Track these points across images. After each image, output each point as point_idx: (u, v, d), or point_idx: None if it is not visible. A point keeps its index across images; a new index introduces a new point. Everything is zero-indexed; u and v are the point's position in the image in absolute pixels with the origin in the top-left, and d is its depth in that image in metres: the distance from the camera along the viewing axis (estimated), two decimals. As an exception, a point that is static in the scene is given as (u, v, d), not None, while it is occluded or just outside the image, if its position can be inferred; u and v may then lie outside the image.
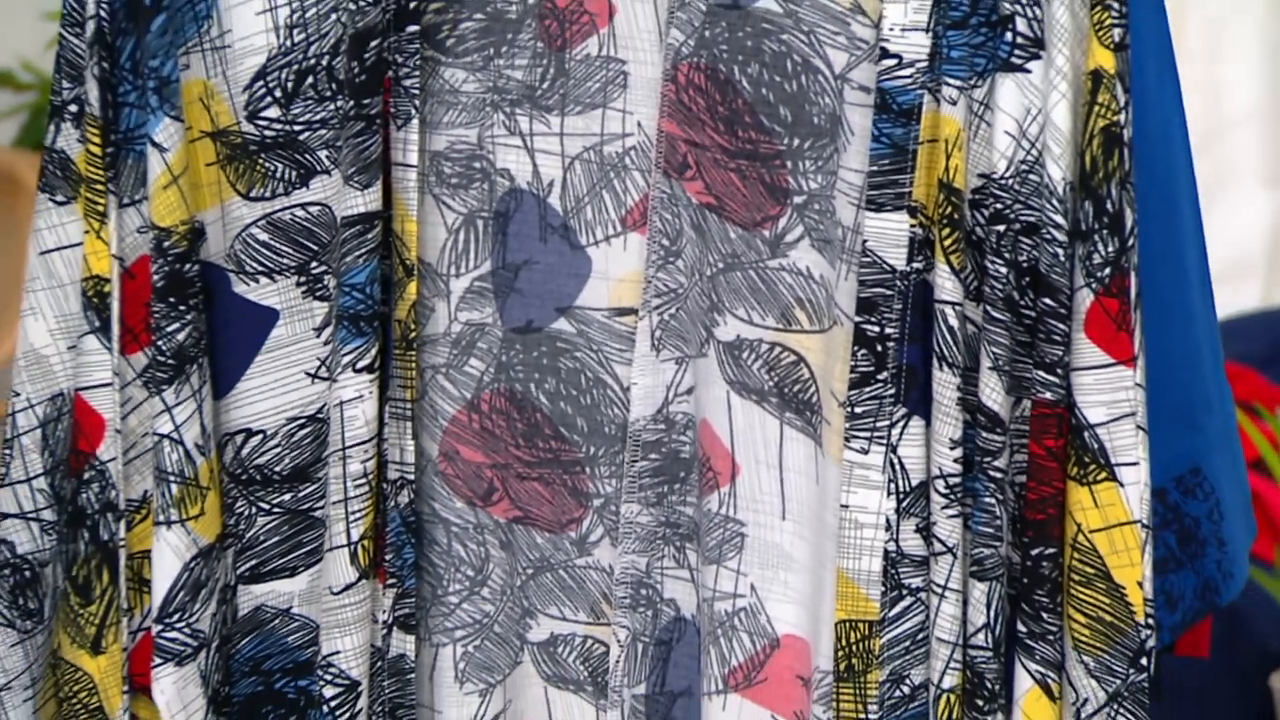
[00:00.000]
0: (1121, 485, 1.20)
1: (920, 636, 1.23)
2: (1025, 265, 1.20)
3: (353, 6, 1.26)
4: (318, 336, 1.30)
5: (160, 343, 1.27)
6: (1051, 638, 1.22)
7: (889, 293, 1.22)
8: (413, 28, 1.26)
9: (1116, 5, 1.19)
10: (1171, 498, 1.39)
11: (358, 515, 1.28)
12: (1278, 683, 2.25)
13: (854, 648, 1.23)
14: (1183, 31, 5.06)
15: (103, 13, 1.26)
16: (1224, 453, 1.40)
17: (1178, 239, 1.37)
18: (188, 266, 1.28)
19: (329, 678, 1.29)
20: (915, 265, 1.21)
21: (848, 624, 1.23)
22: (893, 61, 1.20)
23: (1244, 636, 2.34)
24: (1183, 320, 1.37)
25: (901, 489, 1.22)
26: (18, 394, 1.29)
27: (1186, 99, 1.50)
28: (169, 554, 1.28)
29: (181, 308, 1.28)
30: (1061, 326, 1.20)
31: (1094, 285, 1.19)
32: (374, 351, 1.27)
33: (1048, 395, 1.20)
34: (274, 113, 1.28)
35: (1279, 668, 2.26)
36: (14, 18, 4.47)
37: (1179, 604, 1.39)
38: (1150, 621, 1.21)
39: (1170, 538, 1.39)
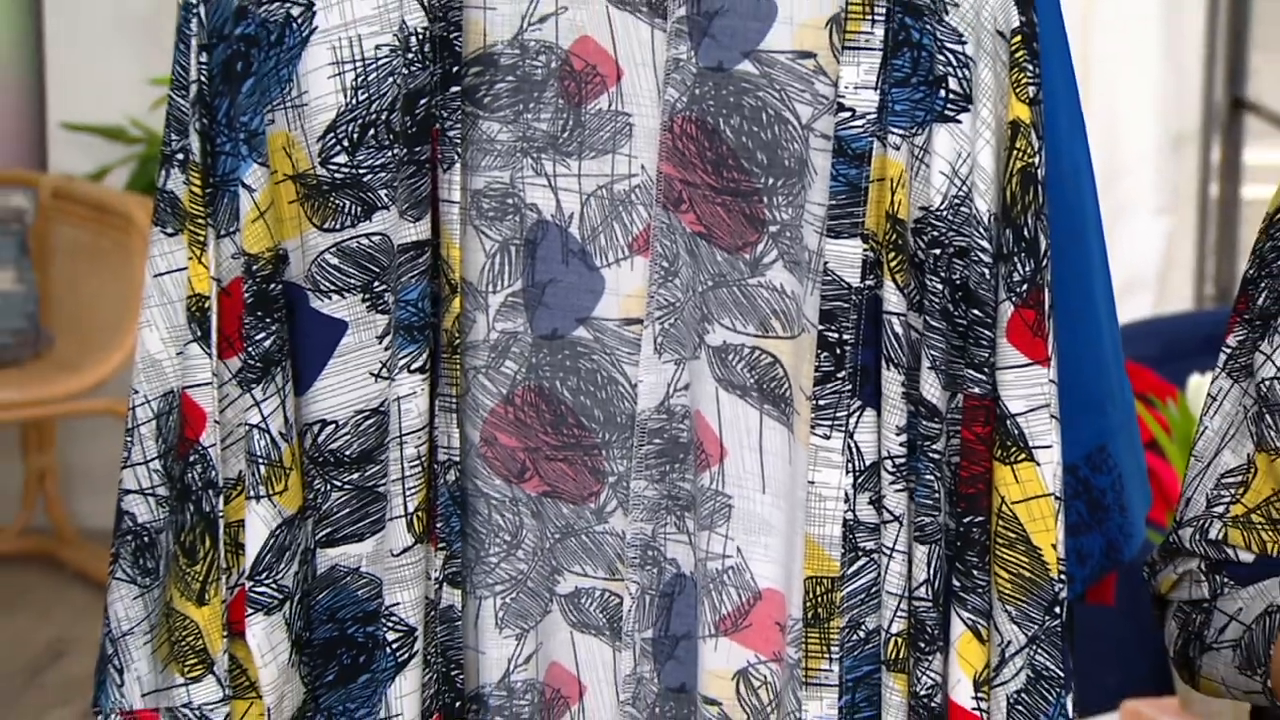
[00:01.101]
0: (1038, 464, 1.23)
1: (873, 590, 1.26)
2: (958, 282, 1.23)
3: (405, 71, 1.28)
4: (379, 343, 1.32)
5: (250, 349, 1.31)
6: (981, 591, 1.24)
7: (846, 305, 1.24)
8: (455, 88, 1.29)
9: (1031, 68, 1.22)
10: (1082, 472, 1.42)
11: (413, 491, 1.30)
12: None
13: (819, 599, 1.26)
14: (1089, 88, 5.07)
15: (202, 78, 1.29)
16: (1125, 435, 1.42)
17: (1087, 261, 1.39)
18: (272, 286, 1.31)
19: (391, 625, 1.32)
20: (867, 283, 1.24)
21: (814, 580, 1.26)
22: (848, 114, 1.23)
23: (1145, 587, 2.37)
24: (1090, 327, 1.39)
25: (857, 468, 1.25)
26: (136, 391, 1.32)
27: (1092, 144, 1.55)
28: (258, 523, 1.31)
29: (268, 320, 1.31)
30: (988, 333, 1.23)
31: (1014, 299, 1.23)
32: (425, 355, 1.30)
33: (976, 390, 1.24)
34: (342, 159, 1.30)
35: None
36: (124, 83, 4.50)
37: (1089, 561, 1.43)
38: (1062, 578, 1.24)
39: (1081, 506, 1.42)
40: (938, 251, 1.23)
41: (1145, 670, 2.35)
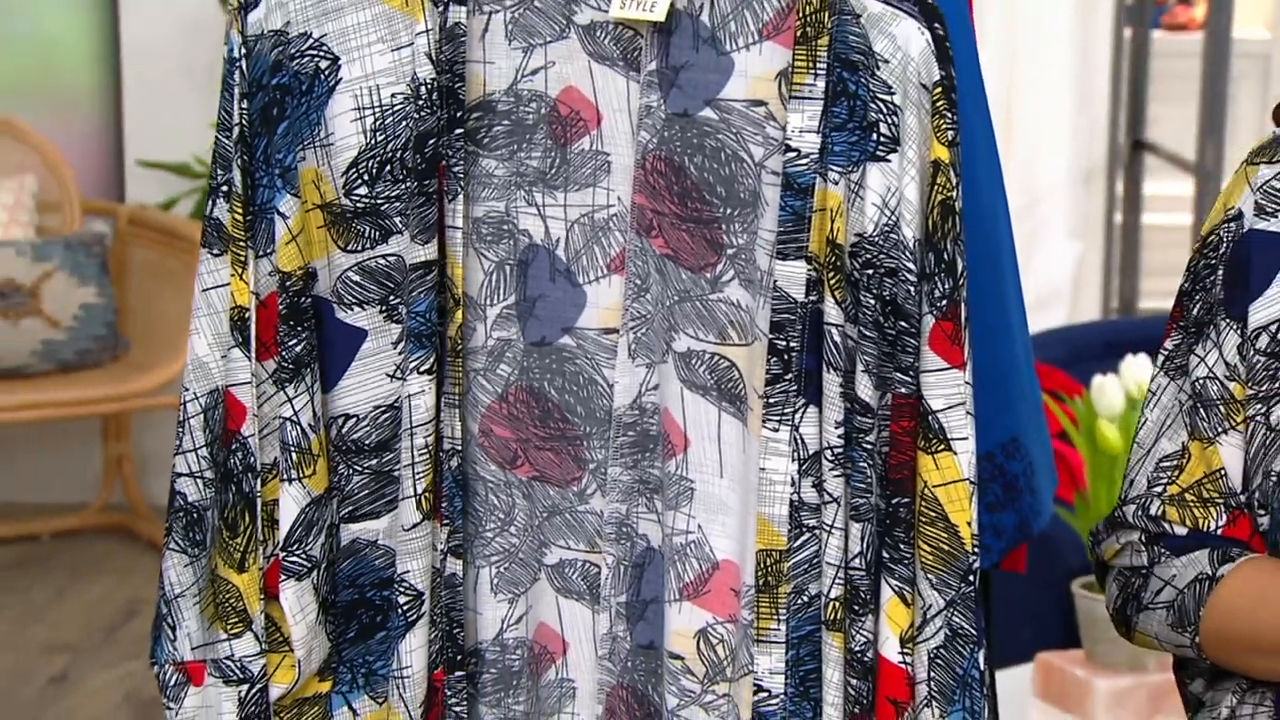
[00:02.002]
0: (955, 454, 1.23)
1: (815, 561, 1.25)
2: (887, 298, 1.23)
3: (417, 116, 1.28)
4: (394, 348, 1.31)
5: (284, 353, 1.30)
6: (906, 562, 1.24)
7: (792, 318, 1.24)
8: (459, 130, 1.29)
9: (949, 115, 1.22)
10: (998, 460, 1.41)
11: (422, 475, 1.30)
12: (1076, 587, 2.25)
13: (769, 569, 1.25)
14: (1013, 132, 5.08)
15: (244, 121, 1.30)
16: (1034, 428, 1.42)
17: (1001, 280, 1.39)
18: (303, 299, 1.30)
19: (402, 589, 1.32)
20: (811, 298, 1.24)
21: (764, 552, 1.25)
22: (794, 154, 1.23)
23: (1053, 556, 2.37)
24: (1004, 337, 1.39)
25: (802, 456, 1.24)
26: (187, 389, 1.32)
27: (1014, 179, 1.56)
28: (290, 502, 1.31)
29: (299, 328, 1.30)
30: (913, 342, 1.23)
31: (935, 312, 1.23)
32: (432, 359, 1.29)
33: (903, 390, 1.23)
34: (363, 191, 1.30)
35: (1078, 577, 2.28)
36: (190, 125, 4.50)
37: (1004, 534, 1.43)
38: (975, 551, 1.24)
39: (997, 488, 1.42)
40: (870, 271, 1.23)
41: (1056, 627, 2.36)
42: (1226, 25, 3.92)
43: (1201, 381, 1.30)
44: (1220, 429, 1.30)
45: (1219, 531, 1.30)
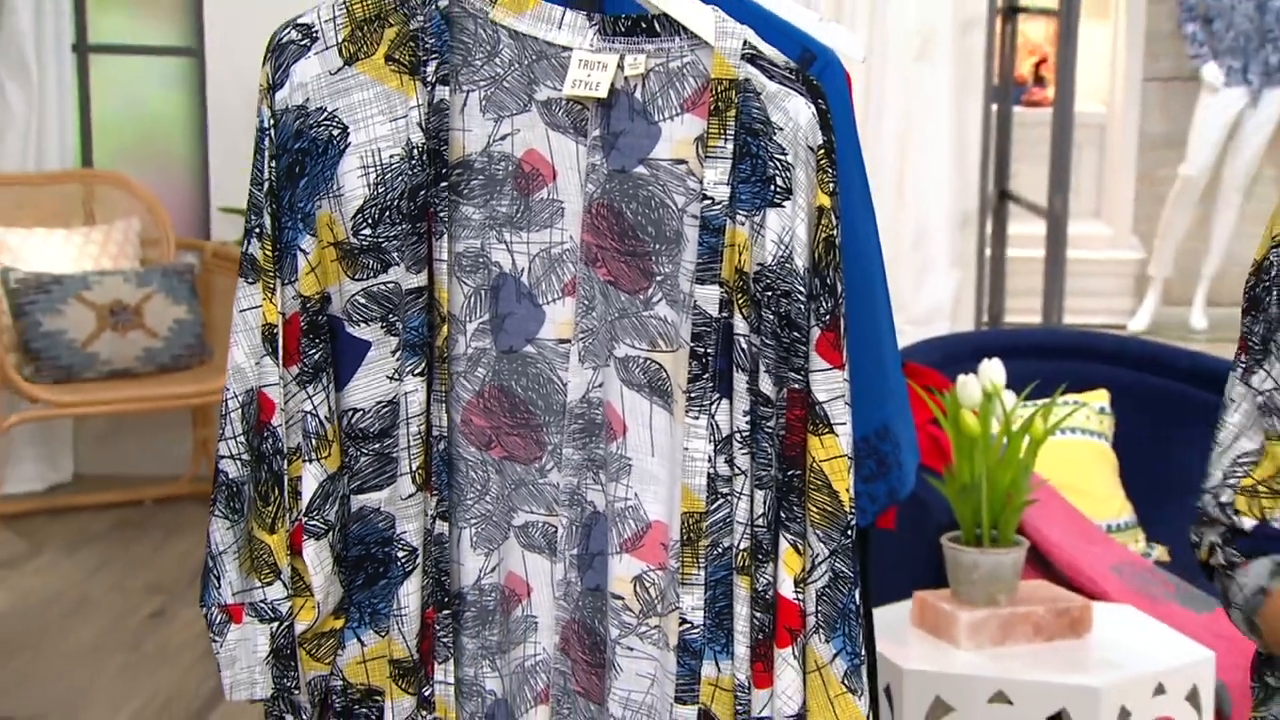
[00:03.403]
0: (837, 436, 1.22)
1: (727, 520, 1.24)
2: (783, 314, 1.22)
3: (410, 172, 1.27)
4: (393, 356, 1.30)
5: (305, 360, 1.29)
6: (799, 520, 1.23)
7: (708, 330, 1.23)
8: (444, 184, 1.27)
9: (830, 170, 1.21)
10: (872, 441, 1.38)
11: (415, 455, 1.29)
12: (944, 540, 2.23)
13: (691, 527, 1.24)
14: (905, 183, 5.09)
15: (272, 177, 1.28)
16: (901, 417, 1.40)
17: (873, 299, 1.37)
18: (320, 317, 1.29)
19: (400, 546, 1.31)
20: (723, 315, 1.22)
21: (687, 514, 1.24)
22: (709, 201, 1.22)
23: (927, 515, 2.36)
24: (875, 344, 1.36)
25: (717, 439, 1.23)
26: (228, 389, 1.30)
27: (905, 221, 1.55)
28: (310, 478, 1.30)
29: (317, 341, 1.29)
30: (803, 348, 1.22)
31: (820, 325, 1.22)
32: (423, 364, 1.28)
33: (796, 385, 1.22)
34: (368, 231, 1.28)
35: (946, 532, 2.26)
36: (245, 174, 4.48)
37: (877, 500, 1.40)
38: (853, 511, 1.23)
39: (871, 463, 1.40)
40: (770, 293, 1.22)
41: (930, 572, 2.34)
42: (1070, 102, 3.93)
43: (1268, 394, 1.21)
44: None
45: None
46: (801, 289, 1.21)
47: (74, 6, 4.72)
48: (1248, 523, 1.22)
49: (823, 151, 1.22)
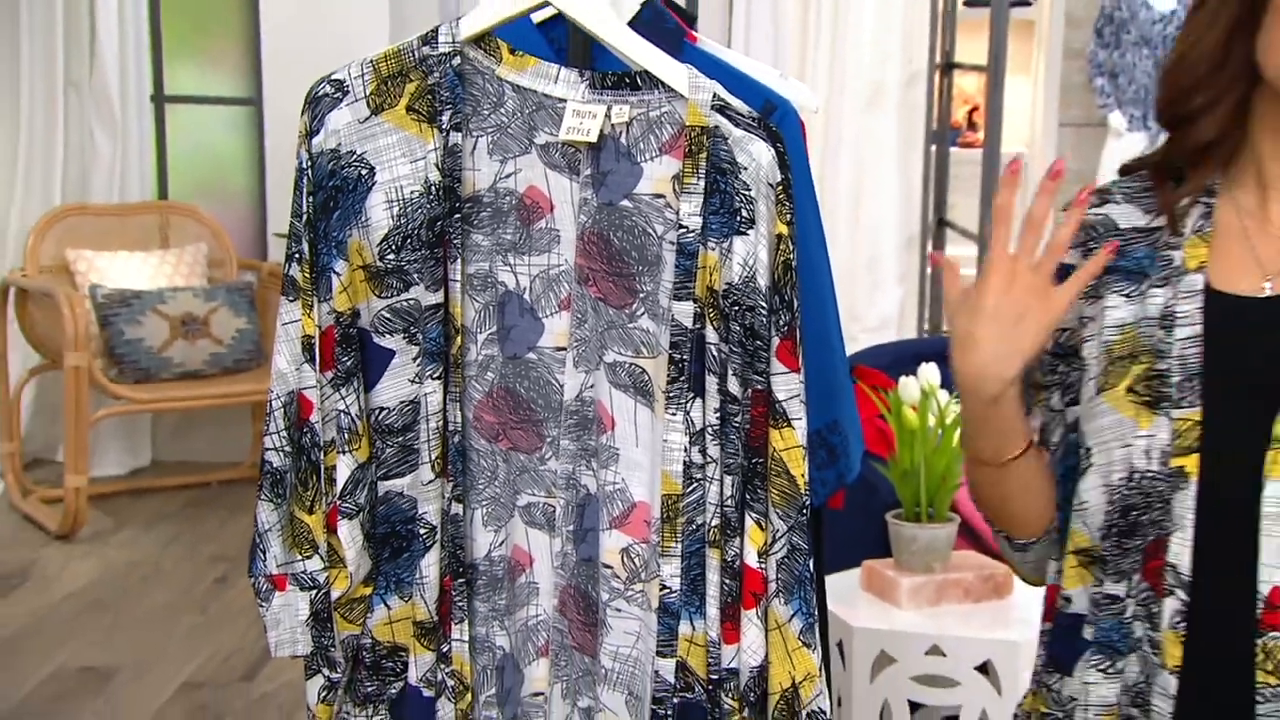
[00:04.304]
0: (794, 429, 1.21)
1: (701, 501, 1.23)
2: (748, 325, 1.21)
3: (428, 205, 1.26)
4: (414, 363, 1.28)
5: (339, 367, 1.28)
6: (761, 501, 1.22)
7: (684, 339, 1.22)
8: (457, 215, 1.26)
9: (787, 204, 1.20)
10: (824, 434, 1.37)
11: (434, 447, 1.28)
12: (889, 517, 2.21)
13: (669, 507, 1.23)
14: (860, 212, 5.08)
15: (309, 210, 1.27)
16: (848, 414, 1.38)
17: (825, 313, 1.35)
18: (351, 330, 1.28)
19: (422, 524, 1.29)
20: (697, 326, 1.22)
21: (667, 496, 1.23)
22: (685, 230, 1.21)
23: (875, 496, 2.35)
24: (827, 351, 1.35)
25: (691, 431, 1.22)
26: (272, 391, 1.29)
27: (858, 244, 1.53)
28: (344, 467, 1.28)
29: (349, 350, 1.28)
30: (765, 355, 1.21)
31: (779, 335, 1.21)
32: (440, 369, 1.27)
33: (759, 386, 1.21)
34: (392, 256, 1.27)
35: (890, 510, 2.24)
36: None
37: (828, 484, 1.38)
38: (807, 494, 1.22)
39: (823, 453, 1.38)
40: (737, 308, 1.21)
41: (877, 544, 2.33)
42: (998, 144, 3.93)
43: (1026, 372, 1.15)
44: (1032, 401, 1.17)
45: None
46: (764, 304, 1.21)
47: (152, 63, 4.71)
48: None
49: (781, 188, 1.21)
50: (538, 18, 1.36)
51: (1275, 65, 1.05)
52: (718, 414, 1.22)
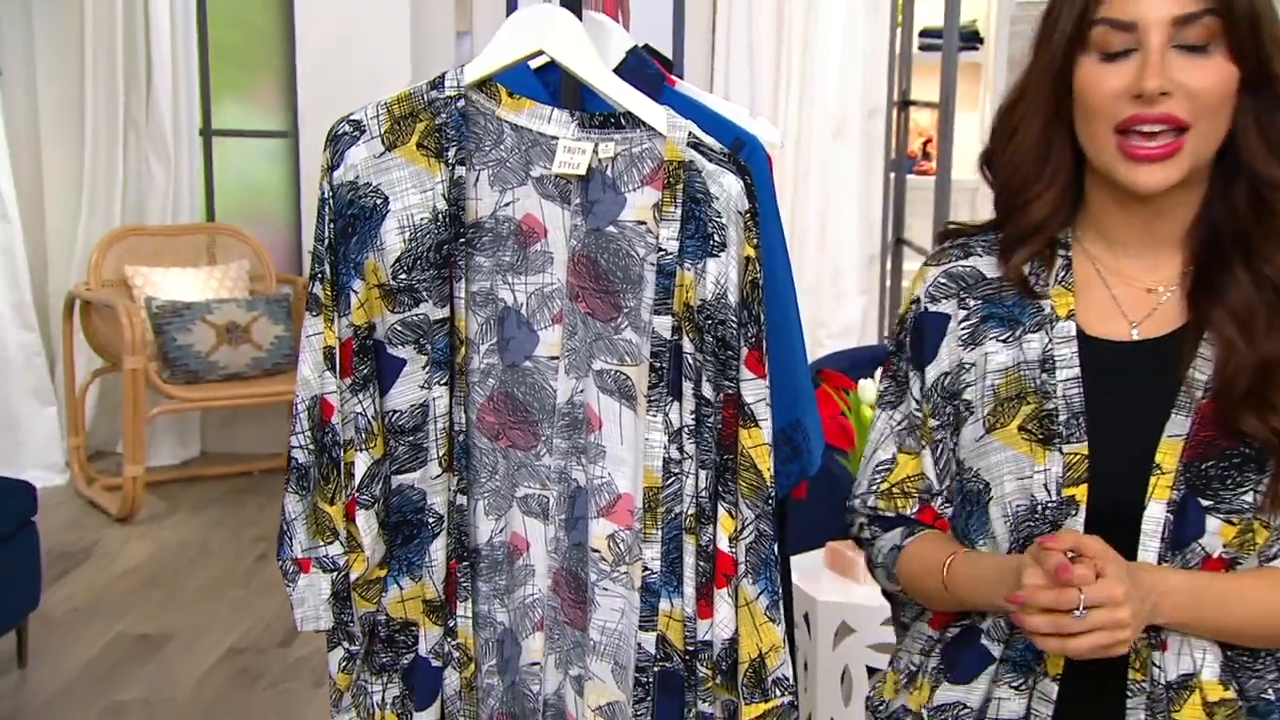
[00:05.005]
0: (760, 429, 1.20)
1: (679, 493, 1.22)
2: (720, 338, 1.20)
3: (435, 230, 1.25)
4: (423, 371, 1.27)
5: (356, 374, 1.27)
6: (732, 492, 1.22)
7: (663, 349, 1.21)
8: (462, 240, 1.25)
9: (755, 230, 1.20)
10: (788, 433, 1.35)
11: (441, 445, 1.27)
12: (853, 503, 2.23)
13: (650, 498, 1.22)
14: (827, 231, 5.07)
15: (330, 235, 1.26)
16: (810, 414, 1.37)
17: (789, 325, 1.33)
18: (368, 341, 1.27)
19: (430, 514, 1.29)
20: (674, 338, 1.21)
21: (648, 489, 1.22)
22: (664, 252, 1.20)
23: (837, 486, 2.33)
24: (790, 358, 1.33)
25: (670, 431, 1.21)
26: (297, 395, 1.28)
27: (824, 260, 1.52)
28: (361, 463, 1.27)
29: (365, 359, 1.27)
30: (735, 363, 1.20)
31: (748, 345, 1.20)
32: (447, 376, 1.26)
33: (730, 391, 1.20)
34: (404, 276, 1.26)
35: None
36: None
37: (793, 476, 1.36)
38: (773, 486, 1.21)
39: (787, 450, 1.36)
40: (710, 322, 1.21)
41: (839, 528, 2.32)
42: (948, 172, 3.93)
43: (909, 414, 1.19)
44: (921, 445, 1.19)
45: (913, 515, 1.20)
46: (734, 319, 1.20)
47: (201, 101, 4.71)
48: (889, 514, 1.19)
49: (749, 215, 1.20)
50: (534, 64, 1.35)
51: (1103, 162, 1.05)
52: (693, 415, 1.22)
